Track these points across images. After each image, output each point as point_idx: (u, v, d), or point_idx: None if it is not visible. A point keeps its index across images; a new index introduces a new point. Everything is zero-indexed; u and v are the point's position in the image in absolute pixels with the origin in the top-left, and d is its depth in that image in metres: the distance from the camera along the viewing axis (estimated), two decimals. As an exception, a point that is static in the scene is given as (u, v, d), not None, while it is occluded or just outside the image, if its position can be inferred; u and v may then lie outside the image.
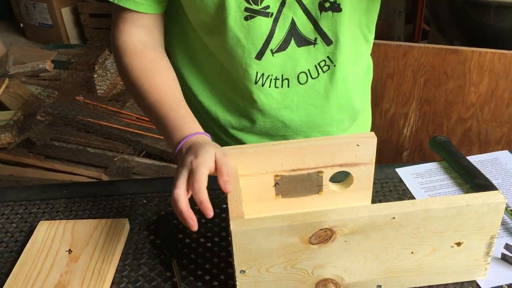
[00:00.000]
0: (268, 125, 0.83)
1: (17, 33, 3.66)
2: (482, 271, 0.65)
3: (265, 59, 0.74)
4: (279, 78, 0.77)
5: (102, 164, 2.19)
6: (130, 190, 0.87)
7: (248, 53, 0.73)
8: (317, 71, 0.78)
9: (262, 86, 0.77)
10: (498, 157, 0.90)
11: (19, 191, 0.87)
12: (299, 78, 0.77)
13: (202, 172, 0.59)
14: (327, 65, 0.77)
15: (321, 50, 0.76)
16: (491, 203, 0.58)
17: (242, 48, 0.73)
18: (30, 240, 0.74)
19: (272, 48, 0.73)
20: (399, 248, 0.60)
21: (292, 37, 0.74)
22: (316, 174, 0.71)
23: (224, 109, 0.85)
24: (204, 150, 0.62)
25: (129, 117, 2.39)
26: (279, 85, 0.77)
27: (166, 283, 0.68)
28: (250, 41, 0.72)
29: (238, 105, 0.82)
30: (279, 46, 0.74)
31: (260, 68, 0.75)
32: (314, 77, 0.78)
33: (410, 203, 0.58)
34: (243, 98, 0.80)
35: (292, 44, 0.74)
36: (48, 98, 2.45)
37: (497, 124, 1.49)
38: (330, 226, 0.56)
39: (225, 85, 0.82)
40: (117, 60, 0.77)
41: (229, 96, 0.83)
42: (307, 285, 0.62)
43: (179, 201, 0.59)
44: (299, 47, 0.75)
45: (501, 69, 1.40)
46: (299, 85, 0.78)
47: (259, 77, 0.76)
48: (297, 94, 0.79)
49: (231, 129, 0.86)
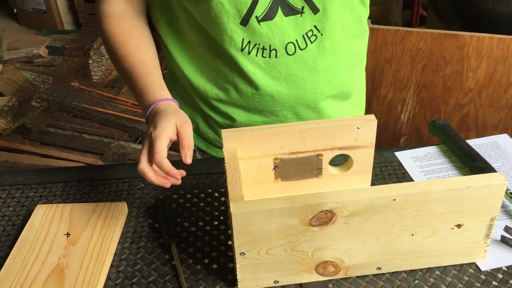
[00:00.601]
0: (257, 99, 0.82)
1: (10, 19, 3.61)
2: (482, 253, 0.65)
3: (251, 26, 0.74)
4: (267, 48, 0.76)
5: (98, 150, 2.18)
6: (127, 174, 0.86)
7: (233, 19, 0.73)
8: (305, 42, 0.77)
9: (249, 54, 0.77)
10: (497, 141, 0.90)
11: (16, 175, 0.87)
12: (287, 48, 0.77)
13: (160, 144, 0.62)
14: (314, 34, 0.76)
15: (308, 18, 0.75)
16: (492, 185, 0.58)
17: (226, 14, 0.72)
18: (28, 224, 0.74)
19: (258, 15, 0.73)
20: (399, 230, 0.60)
21: (279, 6, 0.73)
22: (315, 157, 0.71)
23: (211, 82, 0.84)
24: (164, 119, 0.65)
25: (124, 103, 2.37)
26: (267, 55, 0.77)
27: (165, 266, 0.68)
28: (234, 6, 0.72)
29: (225, 76, 0.81)
30: (265, 14, 0.73)
31: (246, 36, 0.75)
32: (303, 48, 0.77)
33: (411, 185, 0.57)
34: (230, 67, 0.80)
35: (279, 13, 0.74)
36: (43, 84, 2.42)
37: (494, 109, 1.49)
38: (331, 208, 0.56)
39: (212, 56, 0.81)
40: (98, 28, 0.80)
41: (216, 67, 0.82)
42: (307, 267, 0.62)
43: (146, 174, 0.64)
44: (286, 16, 0.74)
45: (499, 54, 1.39)
46: (287, 56, 0.77)
47: (245, 44, 0.76)
48: (285, 65, 0.78)
49: (219, 103, 0.85)
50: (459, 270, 0.65)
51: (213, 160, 0.90)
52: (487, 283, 0.63)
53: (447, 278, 0.64)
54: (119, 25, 0.77)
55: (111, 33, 0.77)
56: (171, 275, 0.67)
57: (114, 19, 0.77)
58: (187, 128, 0.65)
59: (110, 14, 0.78)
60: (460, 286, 0.63)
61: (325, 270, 0.62)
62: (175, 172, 0.63)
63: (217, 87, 0.83)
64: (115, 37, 0.76)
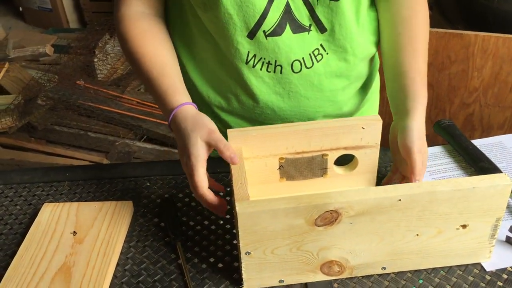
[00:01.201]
0: (258, 111, 0.81)
1: (16, 17, 3.63)
2: (487, 253, 0.65)
3: (258, 40, 0.73)
4: (272, 63, 0.75)
5: (103, 148, 2.19)
6: (133, 173, 0.87)
7: (240, 31, 0.72)
8: (311, 60, 0.76)
9: (253, 67, 0.76)
10: (502, 141, 0.90)
11: (23, 173, 0.87)
12: (293, 66, 0.76)
13: (198, 176, 0.64)
14: (320, 53, 0.76)
15: (315, 37, 0.74)
16: (497, 185, 0.57)
17: (234, 26, 0.72)
18: (35, 222, 0.74)
19: (265, 30, 0.72)
20: (405, 230, 0.60)
21: (287, 22, 0.73)
22: (320, 157, 0.71)
23: (214, 89, 0.84)
24: (191, 143, 0.65)
25: (130, 102, 2.38)
26: (271, 70, 0.76)
27: (171, 265, 0.68)
28: (242, 19, 0.71)
29: (228, 86, 0.81)
30: (273, 29, 0.72)
31: (252, 49, 0.74)
32: (309, 67, 0.76)
33: (416, 185, 0.57)
34: (233, 78, 0.79)
35: (287, 30, 0.73)
36: (48, 83, 2.44)
37: (500, 108, 1.49)
38: (336, 208, 0.56)
39: (217, 64, 0.81)
40: (116, 30, 0.80)
41: (220, 76, 0.82)
42: (312, 267, 0.62)
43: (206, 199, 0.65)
44: (294, 33, 0.73)
45: (505, 53, 1.39)
46: (292, 74, 0.77)
47: (250, 57, 0.75)
48: (290, 82, 0.77)
49: (220, 110, 0.85)
50: (464, 270, 0.65)
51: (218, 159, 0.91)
52: (492, 284, 0.63)
53: (452, 278, 0.64)
54: (137, 28, 0.76)
55: (128, 35, 0.76)
56: (177, 274, 0.67)
57: (131, 22, 0.77)
58: (214, 136, 0.65)
59: (128, 16, 0.77)
60: (465, 287, 0.63)
61: (330, 270, 0.63)
62: (216, 202, 0.65)
63: (220, 95, 0.84)
64: (132, 39, 0.76)
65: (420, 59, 0.75)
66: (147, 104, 2.37)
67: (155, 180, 0.85)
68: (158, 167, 0.88)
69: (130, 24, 0.77)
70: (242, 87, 0.79)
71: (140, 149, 2.18)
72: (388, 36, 0.79)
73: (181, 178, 0.85)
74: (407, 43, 0.76)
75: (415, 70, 0.74)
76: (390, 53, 0.78)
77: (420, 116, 0.69)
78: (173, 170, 0.86)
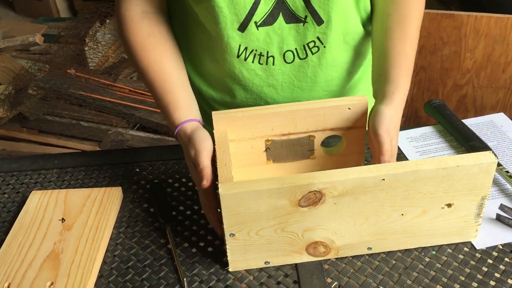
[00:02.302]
0: (250, 102, 0.81)
1: (6, 7, 3.58)
2: (473, 232, 0.65)
3: (249, 31, 0.72)
4: (264, 54, 0.74)
5: (96, 137, 2.18)
6: (122, 159, 0.86)
7: (231, 24, 0.71)
8: (305, 52, 0.75)
9: (245, 60, 0.75)
10: (493, 120, 0.90)
11: (11, 161, 0.87)
12: (285, 56, 0.74)
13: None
14: (316, 46, 0.74)
15: (311, 29, 0.73)
16: (482, 163, 0.57)
17: (224, 19, 0.71)
18: (23, 210, 0.74)
19: (257, 21, 0.71)
20: (389, 210, 0.60)
21: (280, 12, 0.71)
22: (307, 138, 0.71)
23: (207, 83, 0.84)
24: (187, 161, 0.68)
25: (122, 90, 2.36)
26: (263, 61, 0.75)
27: (161, 250, 0.69)
28: (233, 11, 0.70)
29: (220, 79, 0.81)
30: (265, 19, 0.71)
31: (243, 41, 0.73)
32: (302, 58, 0.75)
33: (400, 164, 0.57)
34: (225, 72, 0.78)
35: (280, 19, 0.71)
36: (39, 72, 2.42)
37: (493, 89, 1.48)
38: (319, 188, 0.56)
39: (208, 57, 0.80)
40: (118, 31, 0.78)
41: (211, 69, 0.81)
42: (298, 248, 0.62)
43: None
44: (287, 23, 0.72)
45: (497, 33, 1.38)
46: (284, 64, 0.75)
47: (241, 50, 0.74)
48: (282, 73, 0.76)
49: (214, 103, 0.85)
50: (454, 249, 0.65)
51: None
52: (482, 261, 0.63)
53: (442, 257, 0.64)
54: (139, 34, 0.74)
55: (131, 41, 0.74)
56: (167, 258, 0.67)
57: (134, 26, 0.74)
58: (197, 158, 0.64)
59: (130, 19, 0.75)
60: (455, 265, 0.63)
61: (316, 251, 0.63)
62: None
63: (212, 88, 0.83)
64: (134, 47, 0.74)
65: (407, 43, 0.73)
66: (140, 92, 2.35)
67: (144, 166, 0.85)
68: (147, 153, 0.87)
69: (132, 29, 0.74)
70: (234, 81, 0.79)
71: (133, 137, 2.17)
72: (378, 16, 0.77)
73: (170, 163, 0.85)
74: (396, 26, 0.74)
75: (400, 55, 0.72)
76: (378, 34, 0.76)
77: (396, 102, 0.68)
78: (163, 155, 0.86)
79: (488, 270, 0.62)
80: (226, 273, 0.64)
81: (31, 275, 0.64)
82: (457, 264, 0.63)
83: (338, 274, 0.63)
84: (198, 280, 0.64)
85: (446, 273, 0.62)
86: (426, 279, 0.62)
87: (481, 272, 0.62)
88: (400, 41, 0.73)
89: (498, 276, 0.62)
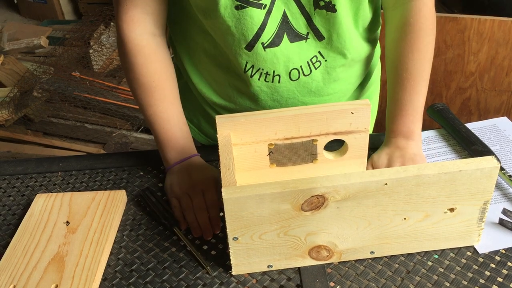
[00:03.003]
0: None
1: (11, 9, 3.61)
2: (475, 237, 0.65)
3: (256, 52, 0.73)
4: (270, 73, 0.76)
5: (100, 140, 2.19)
6: (126, 162, 0.87)
7: (238, 43, 0.72)
8: (309, 68, 0.77)
9: (251, 77, 0.77)
10: (496, 124, 0.90)
11: (16, 164, 0.88)
12: (291, 74, 0.76)
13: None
14: (318, 60, 0.76)
15: (312, 44, 0.74)
16: (484, 168, 0.57)
17: (232, 37, 0.72)
18: (28, 213, 0.75)
19: (264, 42, 0.72)
20: (392, 215, 0.60)
21: (284, 32, 0.72)
22: (310, 142, 0.71)
23: (213, 90, 0.84)
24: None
25: (126, 93, 2.37)
26: (270, 80, 0.77)
27: (164, 253, 0.69)
28: (240, 31, 0.71)
29: (226, 89, 0.82)
30: (271, 41, 0.72)
31: (250, 60, 0.74)
32: (306, 74, 0.77)
33: (403, 169, 0.57)
34: (231, 83, 0.80)
35: (285, 39, 0.73)
36: (44, 75, 2.43)
37: (496, 92, 1.48)
38: (322, 192, 0.56)
39: (215, 67, 0.81)
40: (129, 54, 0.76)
41: (218, 78, 0.82)
42: (300, 252, 0.63)
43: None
44: (291, 42, 0.73)
45: (500, 36, 1.38)
46: (290, 82, 0.77)
47: (248, 67, 0.75)
48: (287, 90, 0.78)
49: (220, 108, 0.86)
50: (457, 253, 0.65)
51: (210, 147, 0.91)
52: (484, 266, 0.63)
53: (444, 261, 0.64)
54: (144, 68, 0.75)
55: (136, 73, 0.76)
56: (170, 262, 0.68)
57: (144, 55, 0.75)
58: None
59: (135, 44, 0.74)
60: (457, 269, 0.63)
61: (318, 255, 0.63)
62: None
63: (219, 96, 0.84)
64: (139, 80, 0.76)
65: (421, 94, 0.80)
66: (144, 95, 2.36)
67: (148, 169, 0.85)
68: (151, 156, 0.88)
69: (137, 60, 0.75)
70: (239, 92, 0.80)
71: (137, 139, 2.18)
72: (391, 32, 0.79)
73: (173, 166, 0.85)
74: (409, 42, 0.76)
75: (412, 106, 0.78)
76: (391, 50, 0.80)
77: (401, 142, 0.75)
78: (165, 159, 0.87)
79: (490, 275, 0.62)
80: (229, 276, 0.64)
81: (36, 278, 0.64)
82: (459, 269, 0.63)
83: (340, 278, 0.63)
84: (201, 283, 0.64)
85: (448, 277, 0.62)
86: (428, 283, 0.62)
87: (484, 276, 0.62)
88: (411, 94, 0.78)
89: (500, 281, 0.62)
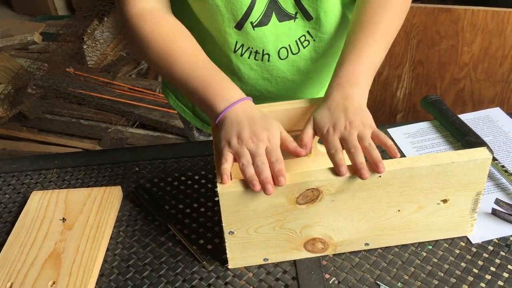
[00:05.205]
0: (246, 93, 0.82)
1: (3, 5, 3.58)
2: (468, 227, 0.66)
3: (245, 31, 0.74)
4: (260, 52, 0.76)
5: (95, 136, 2.19)
6: (122, 158, 0.87)
7: (228, 22, 0.73)
8: (298, 47, 0.77)
9: (241, 56, 0.77)
10: (489, 115, 0.90)
11: (11, 162, 0.87)
12: (279, 53, 0.77)
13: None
14: (307, 40, 0.77)
15: (301, 24, 0.75)
16: (477, 159, 0.58)
17: (221, 17, 0.72)
18: (24, 210, 0.75)
19: (253, 21, 0.73)
20: (386, 207, 0.61)
21: (273, 11, 0.73)
22: (304, 136, 0.71)
23: None
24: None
25: (121, 88, 2.37)
26: (259, 58, 0.77)
27: (161, 248, 0.69)
28: (230, 11, 0.71)
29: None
30: (260, 20, 0.73)
31: (240, 39, 0.75)
32: (295, 53, 0.78)
33: (396, 161, 0.58)
34: (221, 63, 0.79)
35: (274, 19, 0.74)
36: (38, 71, 2.42)
37: (490, 83, 1.49)
38: (317, 186, 0.57)
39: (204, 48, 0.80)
40: (135, 28, 0.71)
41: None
42: (296, 245, 0.63)
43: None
44: (280, 22, 0.74)
45: (494, 27, 1.38)
46: (279, 60, 0.78)
47: (238, 47, 0.76)
48: (277, 68, 0.79)
49: None
50: (450, 243, 0.66)
51: (206, 142, 0.91)
52: (478, 256, 0.64)
53: (438, 252, 0.65)
54: (165, 24, 0.70)
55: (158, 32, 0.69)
56: (167, 256, 0.68)
57: (154, 17, 0.70)
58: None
59: (150, 12, 0.71)
60: (451, 259, 0.64)
61: (314, 247, 0.64)
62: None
63: None
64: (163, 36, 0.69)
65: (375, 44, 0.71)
66: (139, 90, 2.36)
67: (144, 164, 0.85)
68: (146, 152, 0.88)
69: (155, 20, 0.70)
70: (230, 72, 0.80)
71: (133, 135, 2.18)
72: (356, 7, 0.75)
73: (169, 162, 0.85)
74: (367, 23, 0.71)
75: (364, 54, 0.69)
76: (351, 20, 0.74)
77: (342, 82, 0.65)
78: (162, 154, 0.87)
79: (483, 264, 0.63)
80: (225, 270, 0.65)
81: (33, 275, 0.65)
82: (453, 259, 0.64)
83: (336, 269, 0.64)
84: (198, 277, 0.65)
85: (442, 267, 0.63)
86: (422, 273, 0.63)
87: (477, 266, 0.63)
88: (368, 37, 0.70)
89: (493, 270, 0.62)
